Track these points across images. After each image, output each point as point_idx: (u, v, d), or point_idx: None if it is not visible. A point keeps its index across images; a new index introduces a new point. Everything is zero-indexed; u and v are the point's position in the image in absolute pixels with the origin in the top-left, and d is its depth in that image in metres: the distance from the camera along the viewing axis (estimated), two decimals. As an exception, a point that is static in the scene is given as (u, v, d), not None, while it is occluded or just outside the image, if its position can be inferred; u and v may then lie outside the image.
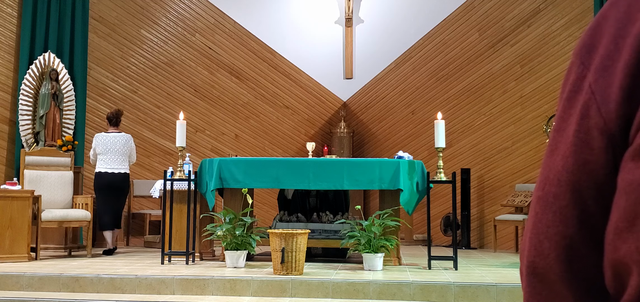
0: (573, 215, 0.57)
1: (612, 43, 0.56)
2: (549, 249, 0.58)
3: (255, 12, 9.60)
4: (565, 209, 0.58)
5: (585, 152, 0.56)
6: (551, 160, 0.60)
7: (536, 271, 0.60)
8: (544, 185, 0.60)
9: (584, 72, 0.58)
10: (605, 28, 0.58)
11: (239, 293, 5.22)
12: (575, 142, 0.57)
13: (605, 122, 0.55)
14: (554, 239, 0.58)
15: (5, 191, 6.53)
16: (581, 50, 0.60)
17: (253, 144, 9.52)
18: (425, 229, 8.02)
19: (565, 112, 0.60)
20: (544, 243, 0.59)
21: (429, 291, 5.08)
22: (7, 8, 8.61)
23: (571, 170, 0.57)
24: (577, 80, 0.59)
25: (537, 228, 0.60)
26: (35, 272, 5.44)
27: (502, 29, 8.95)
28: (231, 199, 6.48)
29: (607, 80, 0.55)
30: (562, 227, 0.58)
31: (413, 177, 6.25)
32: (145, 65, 9.33)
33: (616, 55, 0.55)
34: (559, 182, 0.58)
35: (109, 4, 9.23)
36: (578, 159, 0.57)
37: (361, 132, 9.68)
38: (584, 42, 0.60)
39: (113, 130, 7.46)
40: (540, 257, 0.59)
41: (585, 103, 0.57)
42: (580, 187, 0.57)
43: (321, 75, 9.62)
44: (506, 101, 8.85)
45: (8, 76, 8.62)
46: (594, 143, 0.56)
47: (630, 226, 0.51)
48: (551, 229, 0.58)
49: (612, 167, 0.55)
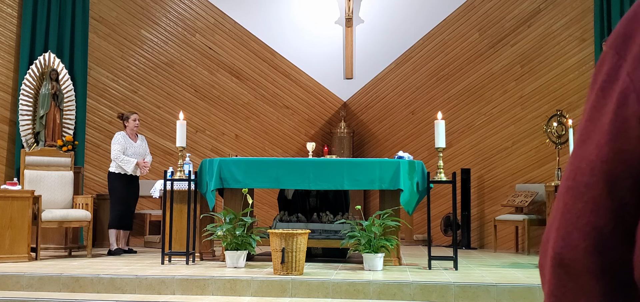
0: (606, 206, 0.56)
1: None
2: (579, 239, 0.57)
3: (255, 12, 9.60)
4: (598, 200, 0.56)
5: (622, 141, 0.55)
6: (583, 150, 0.58)
7: (563, 263, 0.58)
8: (575, 174, 0.58)
9: (620, 61, 0.57)
10: None
11: (239, 293, 5.22)
12: (611, 130, 0.56)
13: None
14: (584, 229, 0.57)
15: (6, 191, 6.53)
16: (616, 40, 0.59)
17: (253, 144, 9.52)
18: (425, 229, 8.02)
19: (599, 101, 0.58)
20: (573, 234, 0.57)
21: (429, 291, 5.08)
22: (7, 8, 8.61)
23: (606, 159, 0.56)
24: (612, 69, 0.58)
25: (566, 218, 0.58)
26: (35, 272, 5.44)
27: (502, 29, 8.95)
28: (231, 199, 6.48)
29: None
30: (594, 217, 0.56)
31: (413, 177, 6.25)
32: (146, 65, 9.33)
33: None
34: (591, 171, 0.57)
35: (109, 4, 9.23)
36: (614, 148, 0.55)
37: (361, 132, 9.68)
38: (619, 33, 0.59)
39: None
40: (568, 249, 0.57)
41: (622, 92, 0.56)
42: (615, 178, 0.55)
43: (321, 75, 9.62)
44: (506, 101, 8.85)
45: (8, 76, 8.62)
46: (631, 132, 0.55)
47: None
48: (582, 220, 0.57)
49: None
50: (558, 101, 8.39)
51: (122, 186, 7.40)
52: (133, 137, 7.54)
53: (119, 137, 7.45)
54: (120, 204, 7.39)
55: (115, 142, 7.41)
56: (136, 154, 7.46)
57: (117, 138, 7.45)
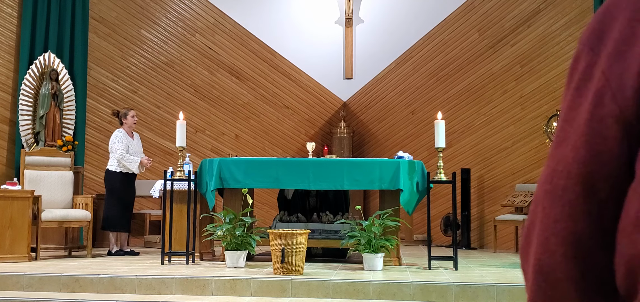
0: (583, 209, 0.54)
1: (628, 27, 0.53)
2: (557, 245, 0.55)
3: (255, 12, 9.60)
4: (575, 203, 0.54)
5: (599, 142, 0.53)
6: (559, 151, 0.57)
7: (543, 270, 0.56)
8: (552, 177, 0.56)
9: (595, 58, 0.55)
10: (617, 13, 0.55)
11: (239, 293, 5.22)
12: (588, 132, 0.54)
13: (621, 110, 0.52)
14: (561, 234, 0.55)
15: (6, 191, 6.53)
16: (590, 37, 0.57)
17: (253, 144, 9.52)
18: (425, 229, 8.02)
19: (575, 101, 0.56)
20: (551, 240, 0.56)
21: (429, 291, 5.08)
22: (7, 8, 8.61)
23: (583, 161, 0.54)
24: (587, 67, 0.56)
25: (544, 223, 0.56)
26: (35, 272, 5.44)
27: (502, 29, 8.95)
28: (231, 199, 6.48)
29: (622, 66, 0.53)
30: (572, 222, 0.54)
31: (413, 177, 6.25)
32: (145, 65, 9.33)
33: (632, 39, 0.53)
34: (568, 174, 0.55)
35: (109, 4, 9.23)
36: (590, 150, 0.54)
37: (361, 132, 9.68)
38: (593, 29, 0.57)
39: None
40: (547, 255, 0.56)
41: (597, 91, 0.54)
42: (592, 180, 0.53)
43: (321, 75, 9.62)
44: (506, 101, 8.85)
45: (8, 76, 8.63)
46: (608, 132, 0.53)
47: None
48: (559, 225, 0.55)
49: (627, 157, 0.52)
50: (558, 101, 8.39)
51: (123, 185, 7.30)
52: (131, 135, 7.48)
53: (120, 135, 7.31)
54: (120, 204, 7.29)
55: (118, 140, 7.27)
56: (136, 152, 7.42)
57: (118, 136, 7.31)
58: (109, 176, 7.33)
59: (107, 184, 7.36)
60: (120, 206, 7.30)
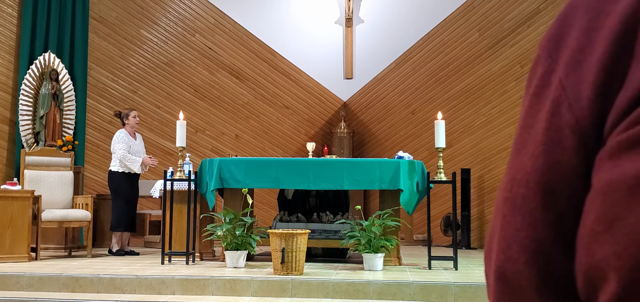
0: (543, 218, 0.54)
1: (585, 36, 0.53)
2: (518, 253, 0.55)
3: (255, 12, 9.60)
4: (535, 212, 0.54)
5: (556, 152, 0.53)
6: (518, 159, 0.56)
7: (505, 277, 0.56)
8: (512, 186, 0.56)
9: (553, 66, 0.55)
10: (575, 19, 0.54)
11: (239, 293, 5.22)
12: (545, 141, 0.54)
13: (577, 121, 0.52)
14: (523, 243, 0.55)
15: (6, 191, 6.53)
16: (549, 43, 0.56)
17: (253, 144, 9.52)
18: (425, 229, 8.02)
19: (533, 107, 0.56)
20: (512, 247, 0.55)
21: (429, 291, 5.09)
22: (7, 8, 8.61)
23: (541, 170, 0.54)
24: (545, 74, 0.55)
25: (505, 231, 0.56)
26: (35, 272, 5.44)
27: (502, 29, 8.96)
28: (231, 199, 6.48)
29: (579, 75, 0.52)
30: (532, 231, 0.54)
31: (413, 177, 6.25)
32: (145, 65, 9.33)
33: (589, 48, 0.52)
34: (527, 183, 0.54)
35: (109, 4, 9.24)
36: (548, 159, 0.53)
37: (361, 132, 9.68)
38: (552, 34, 0.56)
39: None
40: (509, 262, 0.55)
41: (555, 100, 0.53)
42: (550, 189, 0.53)
43: (321, 75, 9.62)
44: (506, 101, 8.86)
45: (8, 76, 8.63)
46: (565, 142, 0.52)
47: (608, 229, 0.47)
48: (520, 233, 0.55)
49: (584, 168, 0.52)
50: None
51: (127, 185, 7.30)
52: (133, 135, 7.48)
53: (122, 136, 7.32)
54: (126, 204, 7.30)
55: (120, 140, 7.27)
56: (138, 152, 7.42)
57: (120, 136, 7.31)
58: (112, 177, 7.33)
59: (111, 185, 7.36)
60: (127, 206, 7.31)
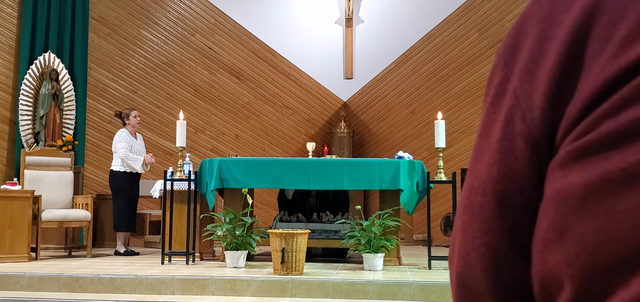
0: (499, 226, 0.55)
1: (536, 46, 0.53)
2: (476, 260, 0.56)
3: (255, 12, 9.60)
4: (491, 220, 0.55)
5: (510, 161, 0.54)
6: (476, 167, 0.57)
7: (464, 283, 0.57)
8: (470, 193, 0.57)
9: (508, 75, 0.55)
10: (528, 29, 0.55)
11: (239, 293, 5.22)
12: (500, 150, 0.54)
13: (529, 130, 0.52)
14: (480, 250, 0.56)
15: (6, 191, 6.53)
16: (505, 52, 0.57)
17: (253, 144, 9.52)
18: (425, 229, 8.02)
19: (490, 117, 0.57)
20: (471, 254, 0.56)
21: (429, 291, 5.08)
22: (7, 8, 8.61)
23: (496, 179, 0.55)
24: (500, 84, 0.56)
25: (464, 238, 0.57)
26: (35, 272, 5.44)
27: (502, 29, 8.96)
28: (231, 199, 6.48)
29: (531, 85, 0.53)
30: (488, 238, 0.55)
31: (413, 177, 6.25)
32: (145, 65, 9.33)
33: (540, 58, 0.53)
34: (483, 191, 0.56)
35: (109, 4, 9.24)
36: (502, 168, 0.54)
37: (361, 132, 9.68)
38: (507, 44, 0.57)
39: None
40: (468, 269, 0.57)
41: (509, 109, 0.54)
42: (505, 197, 0.54)
43: (321, 75, 9.62)
44: (506, 101, 8.86)
45: (8, 76, 8.63)
46: (518, 151, 0.53)
47: (560, 237, 0.48)
48: (477, 240, 0.56)
49: (537, 176, 0.53)
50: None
51: (129, 185, 7.29)
52: (134, 135, 7.48)
53: (123, 135, 7.31)
54: (128, 204, 7.30)
55: (121, 139, 7.26)
56: (139, 152, 7.42)
57: (122, 135, 7.30)
58: (113, 177, 7.32)
59: (113, 185, 7.34)
60: (129, 206, 7.31)
